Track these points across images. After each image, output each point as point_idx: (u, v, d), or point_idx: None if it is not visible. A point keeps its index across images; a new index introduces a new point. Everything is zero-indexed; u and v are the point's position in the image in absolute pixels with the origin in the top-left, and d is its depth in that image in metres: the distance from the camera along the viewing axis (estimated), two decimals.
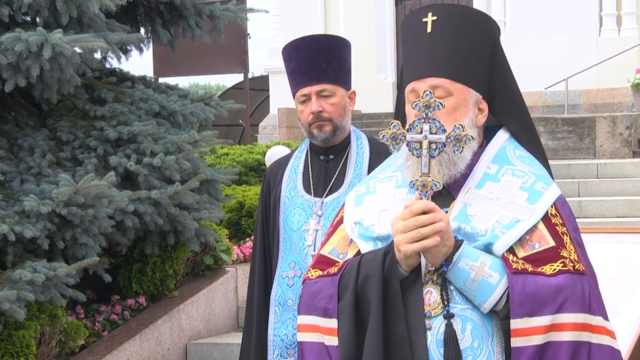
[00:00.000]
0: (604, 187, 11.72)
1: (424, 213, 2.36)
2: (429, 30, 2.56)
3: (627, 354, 3.64)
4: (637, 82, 14.44)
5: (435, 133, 2.40)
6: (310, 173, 3.89)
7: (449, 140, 2.39)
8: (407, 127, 2.43)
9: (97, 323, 6.80)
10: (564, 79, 15.45)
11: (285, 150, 8.91)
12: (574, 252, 2.43)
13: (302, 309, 2.60)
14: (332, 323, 2.50)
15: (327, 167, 3.87)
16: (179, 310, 7.26)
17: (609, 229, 4.82)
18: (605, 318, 2.42)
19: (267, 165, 6.50)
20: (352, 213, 2.64)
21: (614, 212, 11.04)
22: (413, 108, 2.43)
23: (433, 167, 2.43)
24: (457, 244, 2.41)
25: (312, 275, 2.59)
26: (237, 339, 6.88)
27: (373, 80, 18.06)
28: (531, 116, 2.74)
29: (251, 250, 4.67)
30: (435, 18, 2.56)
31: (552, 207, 2.47)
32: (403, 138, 2.43)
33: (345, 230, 2.63)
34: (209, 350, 7.34)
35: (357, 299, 2.46)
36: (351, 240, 2.59)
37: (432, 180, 2.40)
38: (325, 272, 2.56)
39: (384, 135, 2.45)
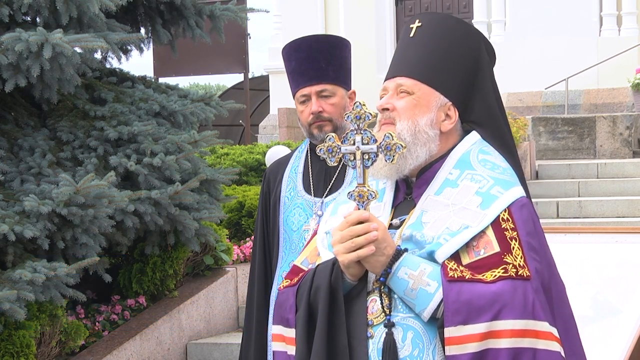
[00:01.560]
0: (604, 187, 11.72)
1: (361, 223, 2.40)
2: (411, 35, 2.62)
3: (627, 354, 3.64)
4: (637, 82, 14.44)
5: (367, 143, 2.44)
6: (310, 173, 3.89)
7: (380, 149, 2.43)
8: (342, 139, 2.48)
9: (97, 323, 6.80)
10: (564, 79, 15.45)
11: (285, 150, 8.91)
12: (521, 258, 2.40)
13: (273, 319, 2.67)
14: (292, 333, 2.55)
15: (327, 167, 3.87)
16: (179, 310, 7.27)
17: (609, 229, 4.82)
18: (552, 323, 2.40)
19: (267, 165, 6.50)
20: (325, 223, 2.68)
21: (614, 212, 11.05)
22: (345, 120, 2.49)
23: (368, 176, 2.48)
24: (398, 253, 2.43)
25: (282, 286, 2.64)
26: (237, 339, 6.87)
27: (373, 80, 18.03)
28: (531, 116, 2.75)
29: (251, 250, 4.67)
30: (420, 24, 2.62)
31: (505, 211, 2.46)
32: (338, 150, 2.48)
33: (316, 241, 2.66)
34: (209, 350, 7.34)
35: (310, 309, 2.50)
36: None
37: (368, 190, 2.44)
38: (290, 283, 2.61)
39: (320, 149, 2.50)
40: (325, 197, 3.81)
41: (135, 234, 6.56)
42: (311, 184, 3.87)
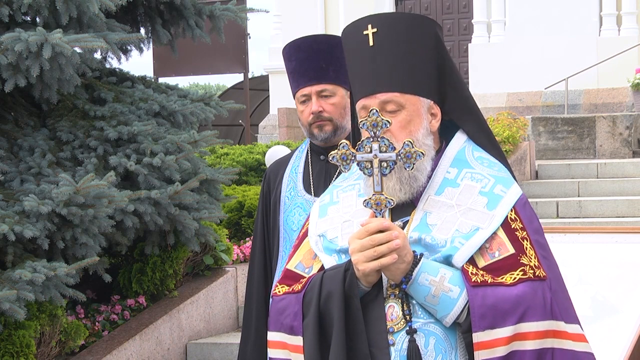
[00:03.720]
0: (604, 187, 11.73)
1: (381, 231, 2.36)
2: (371, 43, 2.53)
3: (627, 354, 3.64)
4: (637, 82, 14.45)
5: (385, 151, 2.40)
6: (311, 173, 3.89)
7: (399, 157, 2.39)
8: (356, 146, 2.43)
9: (97, 323, 6.80)
10: (564, 79, 15.46)
11: (285, 150, 8.91)
12: (535, 258, 2.42)
13: (270, 326, 2.61)
14: (298, 340, 2.50)
15: (327, 167, 3.87)
16: (179, 310, 7.27)
17: (609, 229, 4.82)
18: (568, 322, 2.42)
19: (267, 165, 6.50)
20: (316, 225, 2.63)
21: (614, 212, 11.05)
22: (361, 128, 2.43)
23: (389, 184, 2.44)
24: (416, 259, 2.40)
25: (279, 292, 2.59)
26: (237, 339, 6.86)
27: None
28: (531, 116, 2.74)
29: (250, 249, 4.67)
30: (375, 30, 2.53)
31: (511, 211, 2.46)
32: (353, 158, 2.43)
33: (310, 244, 2.61)
34: (209, 350, 7.34)
35: (320, 317, 2.46)
36: (316, 254, 2.58)
37: (386, 198, 2.40)
38: (291, 289, 2.56)
39: (333, 157, 2.45)
40: None
41: (135, 234, 6.56)
42: (311, 183, 3.87)
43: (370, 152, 2.41)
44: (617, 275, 3.94)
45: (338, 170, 3.85)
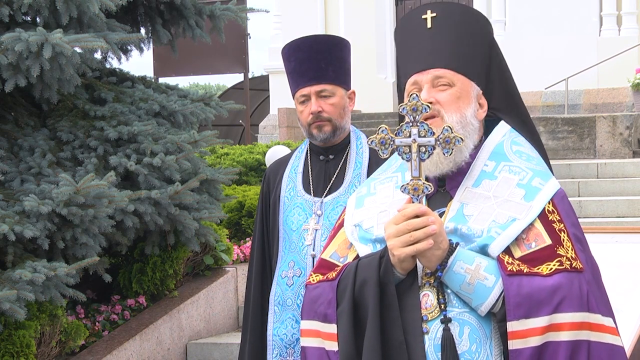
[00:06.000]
0: (604, 187, 11.72)
1: (417, 217, 2.35)
2: (429, 26, 2.58)
3: (627, 353, 3.64)
4: (637, 82, 14.45)
5: (424, 136, 2.39)
6: (310, 173, 3.90)
7: (438, 142, 2.38)
8: (395, 131, 2.42)
9: (97, 323, 6.80)
10: (564, 79, 15.46)
11: (285, 150, 8.91)
12: (572, 250, 2.41)
13: (304, 314, 2.61)
14: (332, 328, 2.50)
15: (326, 167, 3.88)
16: (179, 310, 7.27)
17: (609, 229, 4.82)
18: (605, 315, 2.41)
19: (267, 165, 6.51)
20: (352, 216, 2.63)
21: (614, 212, 11.05)
22: (400, 112, 2.42)
23: (424, 169, 2.42)
24: (452, 247, 2.40)
25: (313, 280, 2.59)
26: (237, 338, 6.88)
27: (373, 80, 18.06)
28: (531, 116, 2.74)
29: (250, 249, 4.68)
30: (434, 15, 2.58)
31: (549, 203, 2.45)
32: (392, 142, 2.42)
33: (345, 234, 2.62)
34: (209, 350, 7.34)
35: (355, 304, 2.46)
36: (351, 244, 2.58)
37: (424, 183, 2.39)
38: (325, 277, 2.56)
39: (372, 141, 2.44)
40: (325, 197, 3.81)
41: (135, 234, 6.56)
42: (311, 183, 3.87)
43: (409, 136, 2.40)
44: (617, 275, 3.93)
45: (337, 170, 3.86)
